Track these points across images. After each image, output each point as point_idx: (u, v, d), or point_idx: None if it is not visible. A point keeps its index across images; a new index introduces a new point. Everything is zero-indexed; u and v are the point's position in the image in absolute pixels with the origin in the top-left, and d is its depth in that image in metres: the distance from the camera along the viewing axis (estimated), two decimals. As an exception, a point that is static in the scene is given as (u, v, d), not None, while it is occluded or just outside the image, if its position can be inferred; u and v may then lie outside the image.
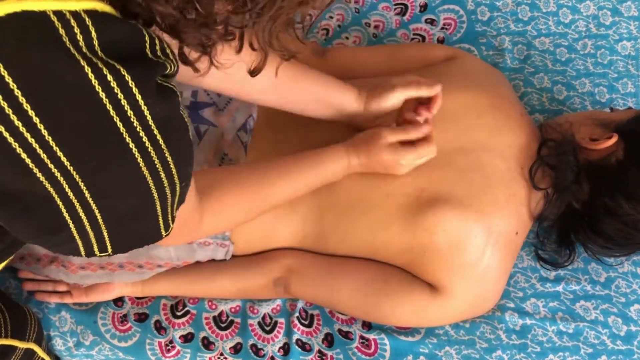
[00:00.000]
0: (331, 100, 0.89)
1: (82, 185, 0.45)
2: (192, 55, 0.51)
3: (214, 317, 0.98)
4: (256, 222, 0.93)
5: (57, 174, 0.44)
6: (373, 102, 0.89)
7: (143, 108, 0.44)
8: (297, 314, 0.98)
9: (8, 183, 0.44)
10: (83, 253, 0.52)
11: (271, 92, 0.86)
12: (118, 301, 0.99)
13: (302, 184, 0.85)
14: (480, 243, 0.88)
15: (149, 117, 0.45)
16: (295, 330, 0.97)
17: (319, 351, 0.96)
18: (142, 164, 0.47)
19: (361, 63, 1.07)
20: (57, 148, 0.42)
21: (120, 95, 0.43)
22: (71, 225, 0.48)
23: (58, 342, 0.96)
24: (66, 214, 0.47)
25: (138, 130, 0.45)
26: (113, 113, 0.43)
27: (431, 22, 1.23)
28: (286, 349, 0.96)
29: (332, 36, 1.22)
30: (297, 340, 0.97)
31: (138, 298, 0.99)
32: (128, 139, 0.45)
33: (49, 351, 0.95)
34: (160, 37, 0.46)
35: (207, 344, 0.96)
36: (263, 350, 0.96)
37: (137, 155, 0.46)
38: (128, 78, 0.43)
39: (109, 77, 0.42)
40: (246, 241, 0.95)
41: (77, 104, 0.42)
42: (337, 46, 1.20)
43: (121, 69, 0.42)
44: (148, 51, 0.45)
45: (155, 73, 0.46)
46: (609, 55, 1.22)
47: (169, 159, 0.49)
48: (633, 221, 0.90)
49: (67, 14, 0.40)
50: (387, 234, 0.90)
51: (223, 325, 0.98)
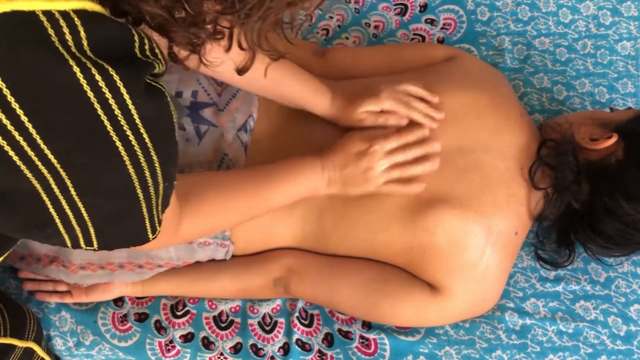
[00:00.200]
0: (303, 107, 0.93)
1: (69, 182, 0.46)
2: (182, 53, 0.52)
3: (214, 317, 0.99)
4: (256, 222, 0.93)
5: (44, 171, 0.44)
6: (341, 119, 0.93)
7: (131, 108, 0.45)
8: (297, 314, 0.98)
9: None
10: (69, 245, 0.53)
11: (247, 87, 0.90)
12: (118, 301, 0.99)
13: (279, 199, 0.85)
14: (479, 243, 0.88)
15: (137, 117, 0.45)
16: (295, 330, 0.97)
17: (319, 351, 0.96)
18: (128, 163, 0.47)
19: (361, 63, 1.07)
20: (45, 146, 0.43)
21: (108, 94, 0.43)
22: (57, 220, 0.49)
23: (58, 342, 0.96)
24: (52, 210, 0.48)
25: (125, 129, 0.45)
26: (101, 112, 0.43)
27: (431, 22, 1.23)
28: (286, 349, 0.96)
29: (332, 36, 1.22)
30: (297, 340, 0.97)
31: (138, 298, 0.99)
32: (115, 138, 0.45)
33: (49, 351, 0.95)
34: (149, 37, 0.47)
35: (207, 344, 0.96)
36: (263, 350, 0.96)
37: (124, 154, 0.47)
38: (116, 78, 0.43)
39: (98, 77, 0.42)
40: (246, 241, 0.95)
41: (65, 103, 0.42)
42: (337, 46, 1.20)
43: (110, 69, 0.42)
44: (137, 51, 0.45)
45: (144, 73, 0.46)
46: (609, 55, 1.22)
47: (155, 159, 0.49)
48: (633, 221, 0.90)
49: (56, 14, 0.40)
50: (387, 234, 0.90)
51: (223, 325, 0.98)
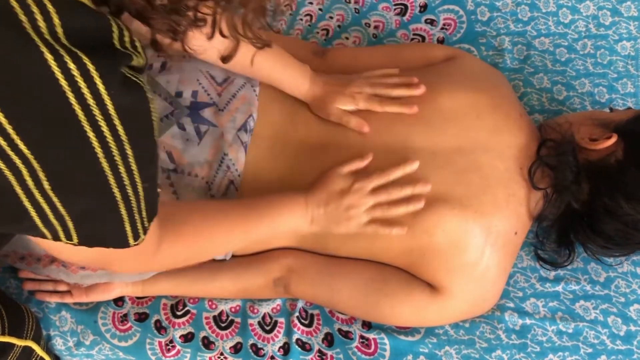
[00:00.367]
0: (283, 88, 0.97)
1: (42, 175, 0.45)
2: (164, 41, 0.51)
3: (214, 317, 0.99)
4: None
5: (18, 162, 0.43)
6: (314, 108, 0.96)
7: (105, 98, 0.44)
8: (297, 314, 0.98)
9: None
10: (50, 238, 0.52)
11: (226, 68, 0.92)
12: (118, 301, 0.99)
13: (259, 234, 0.85)
14: (479, 243, 0.88)
15: (111, 108, 0.44)
16: (295, 329, 0.97)
17: (319, 351, 0.96)
18: (101, 156, 0.46)
19: (361, 63, 1.07)
20: (17, 136, 0.42)
21: (82, 83, 0.42)
22: (33, 214, 0.48)
23: (58, 342, 0.96)
24: (28, 204, 0.47)
25: (98, 119, 0.44)
26: (74, 101, 0.42)
27: (431, 23, 1.23)
28: (286, 349, 0.96)
29: (332, 36, 1.22)
30: (297, 339, 0.97)
31: (138, 298, 0.99)
32: (88, 129, 0.44)
33: (49, 350, 0.95)
34: (130, 29, 0.46)
35: (207, 344, 0.96)
36: (263, 349, 0.96)
37: (96, 145, 0.45)
38: (91, 67, 0.42)
39: (71, 65, 0.41)
40: (246, 241, 0.95)
41: (37, 92, 0.41)
42: (337, 46, 1.21)
43: (84, 57, 0.41)
44: (116, 42, 0.44)
45: (120, 64, 0.45)
46: (609, 55, 1.22)
47: (130, 153, 0.48)
48: (632, 221, 0.90)
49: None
50: (386, 238, 0.90)
51: (223, 324, 0.98)
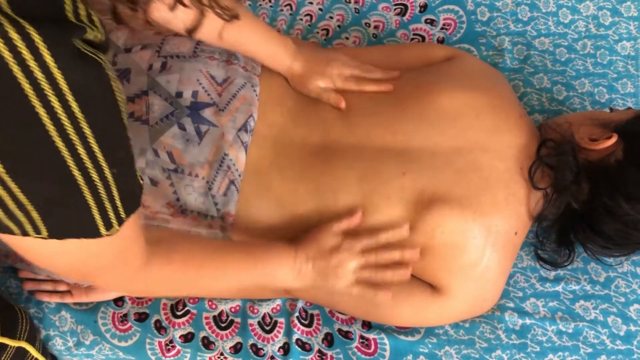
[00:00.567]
0: (262, 62, 0.99)
1: None
2: (125, 12, 0.48)
3: (214, 317, 0.99)
4: (256, 222, 0.93)
5: None
6: (294, 84, 1.00)
7: (54, 72, 0.41)
8: (297, 314, 0.98)
9: None
10: (18, 233, 0.49)
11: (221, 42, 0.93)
12: (118, 301, 0.99)
13: (245, 279, 0.84)
14: (479, 243, 0.88)
15: (63, 83, 0.41)
16: (295, 330, 0.97)
17: (319, 351, 0.96)
18: (55, 134, 0.43)
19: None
20: None
21: (27, 55, 0.39)
22: None
23: (58, 342, 0.96)
24: None
25: (48, 95, 0.41)
26: (19, 75, 0.40)
27: (431, 23, 1.23)
28: (286, 349, 0.96)
29: (332, 36, 1.23)
30: (297, 340, 0.97)
31: (138, 298, 0.99)
32: (37, 104, 0.41)
33: (45, 351, 0.95)
34: (86, 2, 0.44)
35: (207, 344, 0.96)
36: (263, 350, 0.96)
37: (48, 123, 0.42)
38: (37, 37, 0.39)
39: (14, 35, 0.38)
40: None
41: None
42: (337, 46, 1.21)
43: (29, 27, 0.39)
44: (69, 14, 0.42)
45: (72, 36, 0.42)
46: (609, 55, 1.22)
47: (88, 133, 0.45)
48: (632, 221, 0.90)
49: None
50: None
51: (223, 325, 0.98)
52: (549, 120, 1.03)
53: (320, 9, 1.24)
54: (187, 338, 0.97)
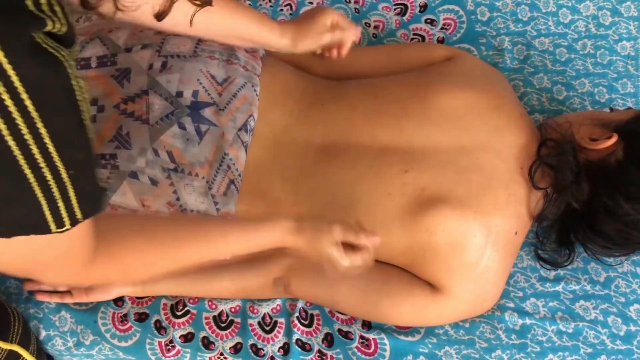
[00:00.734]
0: (255, 39, 0.94)
1: None
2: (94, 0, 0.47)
3: (214, 317, 0.99)
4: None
5: None
6: (300, 43, 0.95)
7: (6, 67, 0.39)
8: (297, 314, 0.98)
9: None
10: None
11: (191, 29, 0.80)
12: (118, 301, 0.99)
13: (220, 252, 0.78)
14: (479, 243, 0.88)
15: (15, 78, 0.39)
16: (295, 330, 0.97)
17: (319, 351, 0.96)
18: (6, 132, 0.41)
19: (361, 63, 1.07)
20: None
21: None
22: None
23: (58, 342, 0.96)
24: None
25: (1, 93, 0.40)
26: None
27: (431, 22, 1.23)
28: (286, 349, 0.96)
29: (332, 36, 1.22)
30: (297, 340, 0.97)
31: (138, 298, 0.99)
32: None
33: (41, 354, 0.94)
34: None
35: (207, 344, 0.96)
36: (263, 350, 0.96)
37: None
38: None
39: None
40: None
41: None
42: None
43: None
44: (30, 3, 0.40)
45: (30, 28, 0.40)
46: (609, 55, 1.22)
47: (43, 133, 0.43)
48: (632, 221, 0.90)
49: None
50: (387, 235, 0.90)
51: (223, 325, 0.98)
52: (549, 120, 1.03)
53: (320, 9, 1.24)
54: (187, 338, 0.97)
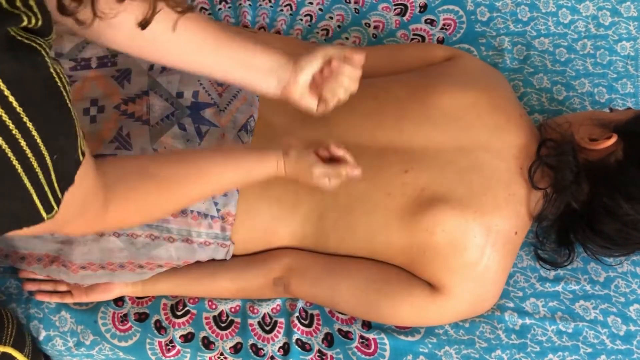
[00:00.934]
0: (260, 65, 0.80)
1: None
2: (71, 4, 0.46)
3: (214, 317, 0.99)
4: (256, 222, 0.93)
5: None
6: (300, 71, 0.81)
7: None
8: (297, 314, 0.98)
9: None
10: None
11: (194, 56, 0.78)
12: (118, 301, 0.99)
13: (222, 184, 0.79)
14: (479, 243, 0.89)
15: None
16: (295, 330, 0.97)
17: (319, 351, 0.97)
18: None
19: (361, 63, 1.07)
20: None
21: None
22: None
23: (58, 342, 0.96)
24: None
25: None
26: None
27: (431, 23, 1.23)
28: (286, 349, 0.96)
29: (332, 36, 1.23)
30: (297, 340, 0.97)
31: (138, 298, 0.99)
32: None
33: (37, 356, 0.94)
34: None
35: (207, 344, 0.96)
36: (263, 350, 0.96)
37: None
38: None
39: None
40: (246, 241, 0.95)
41: None
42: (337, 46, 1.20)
43: None
44: (2, 0, 0.40)
45: (4, 25, 0.40)
46: (609, 55, 1.22)
47: (29, 125, 0.43)
48: (632, 221, 0.90)
49: None
50: (387, 234, 0.90)
51: (223, 325, 0.98)
52: (549, 120, 1.03)
53: (320, 9, 1.24)
54: (187, 338, 0.97)
